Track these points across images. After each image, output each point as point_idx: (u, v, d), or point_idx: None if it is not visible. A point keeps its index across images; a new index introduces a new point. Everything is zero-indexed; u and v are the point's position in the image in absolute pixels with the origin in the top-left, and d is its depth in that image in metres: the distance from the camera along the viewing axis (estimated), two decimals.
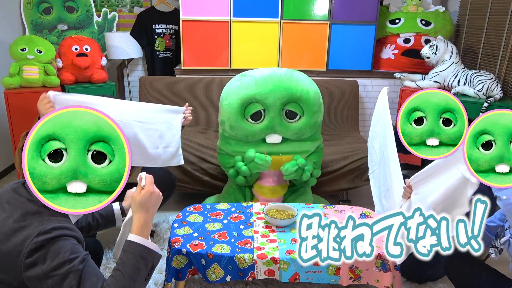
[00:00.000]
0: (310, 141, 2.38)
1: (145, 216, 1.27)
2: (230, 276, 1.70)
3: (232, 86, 2.33)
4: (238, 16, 3.34)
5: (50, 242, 1.13)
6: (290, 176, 2.28)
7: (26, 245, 1.11)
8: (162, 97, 3.23)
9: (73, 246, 1.17)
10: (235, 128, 2.29)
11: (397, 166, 1.91)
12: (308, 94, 2.25)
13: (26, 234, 1.13)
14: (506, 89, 3.02)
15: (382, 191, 2.08)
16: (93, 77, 3.33)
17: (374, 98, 3.54)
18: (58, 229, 1.15)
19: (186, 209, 2.06)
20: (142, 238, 1.25)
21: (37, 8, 3.59)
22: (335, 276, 1.70)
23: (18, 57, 3.08)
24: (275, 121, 2.26)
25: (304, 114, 2.28)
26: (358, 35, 3.43)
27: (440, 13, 3.46)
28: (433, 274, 2.05)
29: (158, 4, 3.78)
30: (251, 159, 2.24)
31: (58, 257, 1.12)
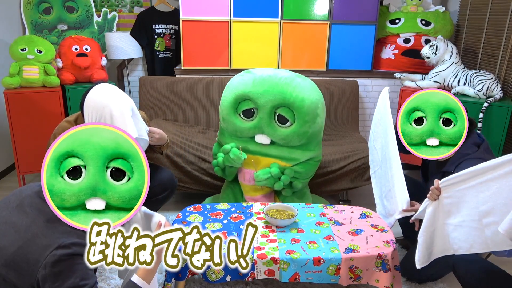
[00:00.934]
0: (301, 150, 2.31)
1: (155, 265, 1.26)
2: (230, 276, 1.70)
3: (233, 81, 2.37)
4: (238, 16, 3.34)
5: (67, 259, 1.12)
6: (261, 183, 2.29)
7: (45, 256, 1.11)
8: (162, 97, 3.23)
9: (85, 271, 1.16)
10: (226, 121, 2.33)
11: (399, 167, 1.91)
12: (302, 102, 2.18)
13: (46, 243, 1.12)
14: (506, 89, 3.01)
15: (384, 192, 2.07)
16: (93, 77, 3.33)
17: (374, 98, 3.55)
18: (77, 246, 1.14)
19: (186, 209, 2.07)
20: (145, 283, 1.26)
21: (37, 8, 3.59)
22: (335, 276, 1.70)
23: (18, 57, 3.08)
24: (264, 122, 2.25)
25: (295, 121, 2.22)
26: (358, 35, 3.43)
27: (440, 13, 3.46)
28: (433, 274, 2.05)
29: (158, 4, 3.78)
30: (227, 151, 2.29)
31: (69, 281, 1.12)
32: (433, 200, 1.65)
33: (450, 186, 1.58)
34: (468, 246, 1.54)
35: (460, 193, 1.56)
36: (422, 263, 1.68)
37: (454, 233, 1.59)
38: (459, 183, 1.55)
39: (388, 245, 1.77)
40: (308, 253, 1.70)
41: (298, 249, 1.72)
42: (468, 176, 1.51)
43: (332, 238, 1.82)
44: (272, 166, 2.30)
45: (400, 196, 1.87)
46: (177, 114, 3.23)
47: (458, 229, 1.57)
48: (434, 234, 1.66)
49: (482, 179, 1.47)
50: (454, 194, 1.58)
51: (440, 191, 1.62)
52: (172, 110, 3.22)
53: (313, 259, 1.67)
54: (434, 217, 1.65)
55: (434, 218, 1.65)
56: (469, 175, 1.51)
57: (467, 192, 1.53)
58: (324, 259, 1.68)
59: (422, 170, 2.26)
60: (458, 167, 1.82)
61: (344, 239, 1.81)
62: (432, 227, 1.66)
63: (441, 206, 1.63)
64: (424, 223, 1.67)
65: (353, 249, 1.73)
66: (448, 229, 1.61)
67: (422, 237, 1.66)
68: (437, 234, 1.66)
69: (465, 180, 1.53)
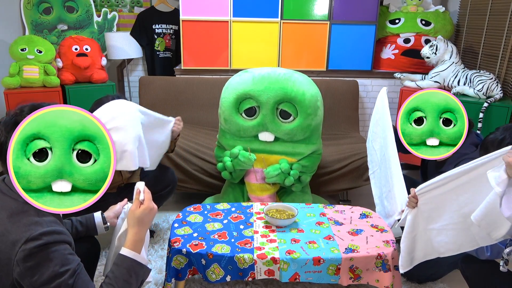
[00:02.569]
0: (305, 144, 2.34)
1: (141, 232, 1.28)
2: (230, 276, 1.70)
3: (232, 81, 2.37)
4: (238, 16, 3.34)
5: (40, 251, 1.08)
6: (272, 179, 2.29)
7: (15, 253, 1.07)
8: (162, 97, 3.23)
9: (64, 257, 1.12)
10: (228, 121, 2.32)
11: (398, 167, 1.91)
12: (303, 95, 2.22)
13: (13, 239, 1.08)
14: (506, 89, 3.01)
15: (384, 192, 2.07)
16: (93, 77, 3.33)
17: (374, 98, 3.54)
18: (47, 235, 1.10)
19: (186, 209, 2.07)
20: (135, 253, 1.26)
21: (37, 8, 3.59)
22: (335, 276, 1.70)
23: (18, 57, 3.08)
24: (267, 119, 2.26)
25: (298, 115, 2.26)
26: (358, 35, 3.43)
27: (440, 13, 3.46)
28: (433, 274, 2.05)
29: (158, 4, 3.78)
30: (235, 155, 2.28)
31: (48, 271, 1.08)
32: (412, 208, 1.67)
33: (427, 193, 1.60)
34: (457, 247, 1.57)
35: (438, 198, 1.57)
36: (405, 267, 1.70)
37: (438, 237, 1.61)
38: (435, 189, 1.57)
39: (388, 245, 1.77)
40: (308, 253, 1.70)
41: (298, 249, 1.72)
42: (443, 182, 1.53)
43: (332, 238, 1.82)
44: (281, 162, 2.31)
45: (399, 196, 1.87)
46: (177, 114, 3.19)
47: (443, 232, 1.59)
48: (415, 240, 1.68)
49: (458, 183, 1.49)
50: (432, 200, 1.59)
51: (417, 199, 1.64)
52: (172, 110, 3.22)
53: (313, 259, 1.67)
54: (414, 223, 1.68)
55: (414, 224, 1.68)
56: (444, 181, 1.52)
57: (446, 197, 1.55)
58: (324, 259, 1.68)
59: (421, 170, 2.26)
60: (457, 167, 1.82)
61: (344, 239, 1.81)
62: (413, 233, 1.68)
63: (419, 212, 1.65)
64: (405, 229, 1.70)
65: (353, 249, 1.73)
66: (431, 234, 1.63)
67: (404, 242, 1.69)
68: (418, 240, 1.68)
69: (440, 186, 1.54)
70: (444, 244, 1.60)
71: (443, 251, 1.61)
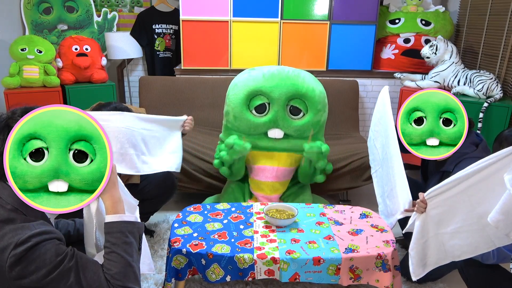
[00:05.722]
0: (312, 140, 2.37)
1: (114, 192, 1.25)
2: (230, 276, 1.70)
3: (240, 79, 2.38)
4: (238, 16, 3.34)
5: (30, 251, 1.08)
6: (309, 154, 2.29)
7: (5, 260, 1.06)
8: (162, 97, 3.23)
9: (57, 248, 1.12)
10: (238, 119, 2.32)
11: (401, 166, 1.90)
12: (313, 92, 2.28)
13: (2, 246, 1.07)
14: (506, 89, 3.01)
15: (386, 191, 2.07)
16: (93, 77, 3.33)
17: (374, 98, 3.54)
18: (35, 236, 1.09)
19: (186, 209, 2.07)
20: (120, 215, 1.25)
21: (37, 8, 3.59)
22: (335, 276, 1.70)
23: (18, 57, 3.08)
24: (279, 116, 2.27)
25: (308, 111, 2.30)
26: (358, 35, 3.43)
27: (440, 13, 3.46)
28: (433, 274, 2.04)
29: (158, 4, 3.78)
30: (231, 145, 2.27)
31: (45, 265, 1.08)
32: (420, 213, 1.65)
33: (436, 197, 1.58)
34: (473, 249, 1.52)
35: (449, 201, 1.55)
36: (417, 275, 1.68)
37: (452, 240, 1.58)
38: (445, 192, 1.55)
39: (388, 245, 1.77)
40: (308, 253, 1.70)
41: (298, 249, 1.72)
42: (454, 184, 1.51)
43: (332, 238, 1.82)
44: (320, 143, 2.33)
45: (402, 196, 1.86)
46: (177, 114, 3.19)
47: (457, 235, 1.56)
48: (426, 246, 1.66)
49: (469, 183, 1.47)
50: (443, 203, 1.57)
51: (426, 204, 1.62)
52: (172, 110, 3.21)
53: (313, 259, 1.67)
54: (423, 229, 1.65)
55: (424, 230, 1.65)
56: (454, 183, 1.51)
57: (457, 199, 1.52)
58: (324, 259, 1.68)
59: (421, 170, 2.26)
60: (457, 167, 1.82)
61: (344, 239, 1.81)
62: (423, 239, 1.66)
63: (429, 218, 1.63)
64: (414, 236, 1.67)
65: (353, 249, 1.73)
66: (443, 238, 1.60)
67: (414, 249, 1.67)
68: (429, 246, 1.65)
69: (451, 189, 1.53)
70: (458, 247, 1.55)
71: (459, 254, 1.56)
